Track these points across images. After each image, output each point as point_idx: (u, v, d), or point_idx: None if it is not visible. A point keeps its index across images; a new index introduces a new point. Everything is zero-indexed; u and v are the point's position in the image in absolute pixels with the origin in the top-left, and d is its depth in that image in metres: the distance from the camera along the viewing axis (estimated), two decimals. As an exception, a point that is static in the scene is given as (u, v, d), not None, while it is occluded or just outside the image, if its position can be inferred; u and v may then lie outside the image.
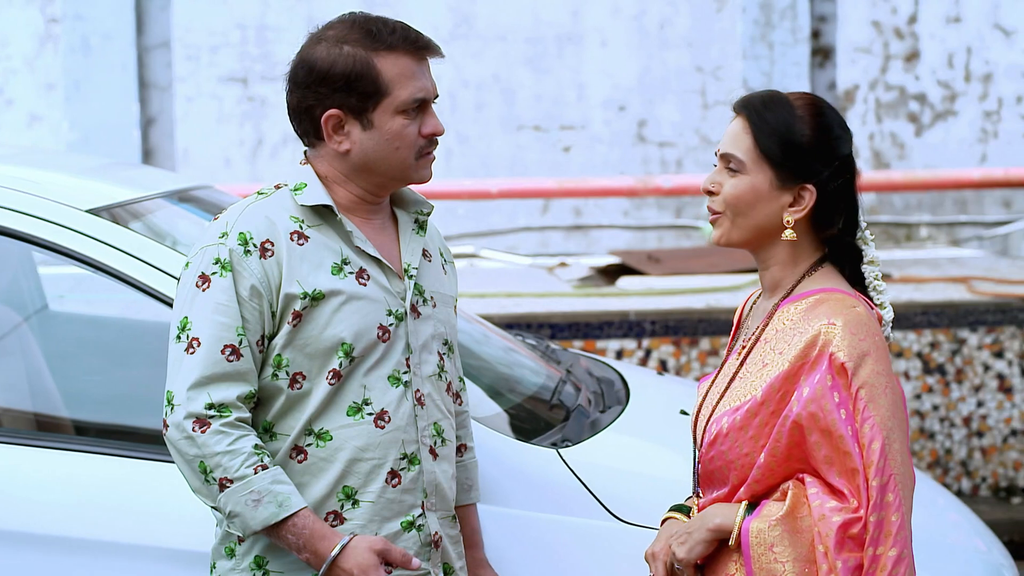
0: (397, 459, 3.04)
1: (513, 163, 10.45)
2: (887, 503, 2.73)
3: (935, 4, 10.62)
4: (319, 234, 3.03)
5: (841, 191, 2.89)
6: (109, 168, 4.83)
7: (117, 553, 3.51)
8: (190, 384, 2.91)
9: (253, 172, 10.29)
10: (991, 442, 7.23)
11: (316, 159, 3.11)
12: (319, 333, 2.97)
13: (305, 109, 3.06)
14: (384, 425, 3.02)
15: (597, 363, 4.80)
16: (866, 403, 2.74)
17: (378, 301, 3.04)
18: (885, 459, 2.72)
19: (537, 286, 8.13)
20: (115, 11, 10.05)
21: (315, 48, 3.06)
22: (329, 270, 3.00)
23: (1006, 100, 10.71)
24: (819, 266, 2.93)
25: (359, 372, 3.01)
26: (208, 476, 2.90)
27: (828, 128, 2.90)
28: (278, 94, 10.35)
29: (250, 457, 2.90)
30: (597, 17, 10.49)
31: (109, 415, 4.25)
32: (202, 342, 2.92)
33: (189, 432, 2.89)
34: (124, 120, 10.08)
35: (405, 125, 3.03)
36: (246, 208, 3.05)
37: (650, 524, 3.54)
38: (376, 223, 3.13)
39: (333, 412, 3.00)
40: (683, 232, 10.64)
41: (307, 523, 2.92)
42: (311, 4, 10.21)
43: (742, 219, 2.90)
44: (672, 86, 10.54)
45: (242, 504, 2.89)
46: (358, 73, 2.99)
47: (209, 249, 2.99)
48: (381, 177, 3.07)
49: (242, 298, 2.94)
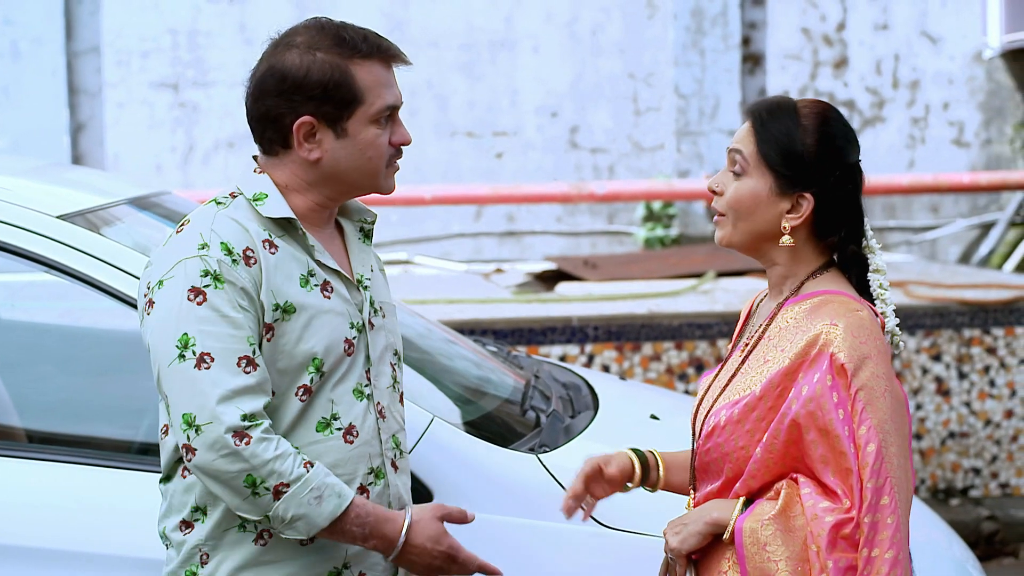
0: (365, 474, 2.99)
1: (447, 169, 10.45)
2: (882, 505, 2.74)
3: (863, 11, 10.74)
4: (285, 244, 2.96)
5: (843, 200, 2.91)
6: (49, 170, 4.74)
7: (67, 561, 3.46)
8: (218, 399, 2.79)
9: (185, 178, 10.21)
10: (929, 444, 7.31)
11: (274, 167, 3.01)
12: (291, 348, 2.90)
13: (274, 118, 2.96)
14: (353, 440, 2.97)
15: (560, 369, 4.80)
16: (864, 405, 2.76)
17: (342, 314, 2.98)
18: (881, 461, 2.74)
19: (475, 292, 8.12)
20: (45, 16, 9.94)
21: (285, 55, 2.97)
22: (298, 282, 2.93)
23: (933, 107, 10.84)
24: (825, 270, 2.95)
25: (327, 387, 2.95)
26: (257, 487, 2.80)
27: (831, 138, 2.92)
28: (209, 100, 10.38)
29: (296, 457, 2.83)
30: (530, 24, 10.51)
31: (60, 423, 4.19)
32: (215, 356, 2.81)
33: (232, 447, 2.78)
34: (54, 126, 9.97)
35: (377, 134, 2.98)
36: (215, 217, 2.94)
37: (631, 528, 3.56)
38: (327, 233, 3.07)
39: (303, 429, 2.93)
40: (616, 238, 10.68)
41: (367, 509, 2.88)
42: (243, 10, 10.15)
43: (743, 222, 2.94)
44: (604, 92, 10.58)
45: (305, 504, 2.82)
46: (336, 81, 2.93)
47: (191, 262, 2.87)
48: (348, 186, 3.02)
49: (242, 307, 2.85)
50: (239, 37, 10.17)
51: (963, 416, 7.30)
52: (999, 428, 7.33)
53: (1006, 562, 7.02)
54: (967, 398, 7.30)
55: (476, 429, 3.82)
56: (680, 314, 7.18)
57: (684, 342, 7.12)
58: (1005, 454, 7.35)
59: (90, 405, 4.29)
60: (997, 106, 10.95)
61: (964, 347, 7.28)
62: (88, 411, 4.25)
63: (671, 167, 10.56)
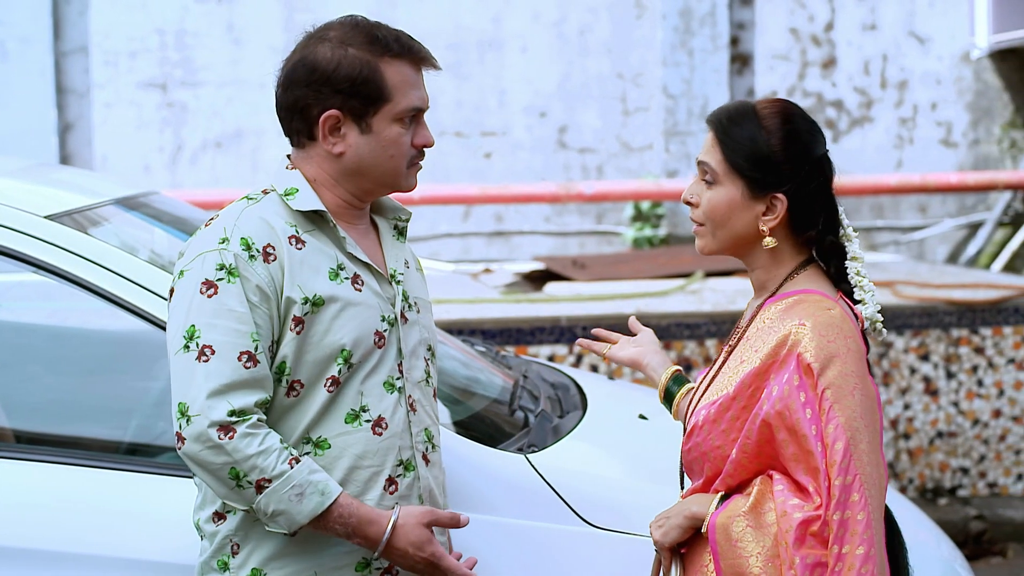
0: (394, 466, 3.03)
1: (435, 169, 10.40)
2: (852, 502, 2.75)
3: (851, 12, 10.75)
4: (314, 239, 3.01)
5: (815, 194, 2.93)
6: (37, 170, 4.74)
7: (54, 562, 3.45)
8: (209, 392, 2.85)
9: (173, 178, 10.20)
10: (918, 444, 7.32)
11: (303, 161, 3.08)
12: (319, 340, 2.95)
13: (301, 108, 3.02)
14: (381, 432, 3.01)
15: (549, 369, 4.80)
16: (832, 403, 2.77)
17: (373, 307, 3.03)
18: (850, 459, 2.75)
19: (464, 292, 8.12)
20: (32, 16, 9.92)
21: (318, 47, 3.02)
22: (327, 275, 2.98)
23: (921, 107, 10.85)
24: (804, 268, 2.97)
25: (356, 379, 2.99)
26: (241, 481, 2.85)
27: (795, 135, 2.94)
28: (197, 100, 10.37)
29: (282, 452, 2.87)
30: (518, 24, 10.50)
31: (48, 423, 4.18)
32: (216, 349, 2.87)
33: (215, 440, 2.83)
34: (42, 126, 9.96)
35: (401, 133, 3.02)
36: (242, 213, 3.00)
37: (620, 528, 3.56)
38: (361, 228, 3.13)
39: (330, 420, 2.98)
40: (604, 238, 10.68)
41: (351, 509, 2.91)
42: (231, 10, 10.14)
43: (721, 231, 2.98)
44: (593, 92, 10.58)
45: (286, 500, 2.86)
46: (364, 77, 2.98)
47: (210, 255, 2.93)
48: (371, 183, 3.06)
49: (252, 303, 2.90)
50: (227, 37, 10.16)
51: (951, 416, 7.31)
52: (987, 428, 7.34)
53: (994, 561, 7.03)
54: (955, 398, 7.31)
55: (465, 429, 3.81)
56: (668, 314, 7.18)
57: (672, 342, 7.12)
58: (993, 454, 7.36)
59: (78, 405, 4.28)
60: (985, 106, 10.96)
61: (952, 347, 7.29)
62: (76, 411, 4.24)
63: (659, 167, 10.57)
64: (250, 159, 10.10)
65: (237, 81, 10.18)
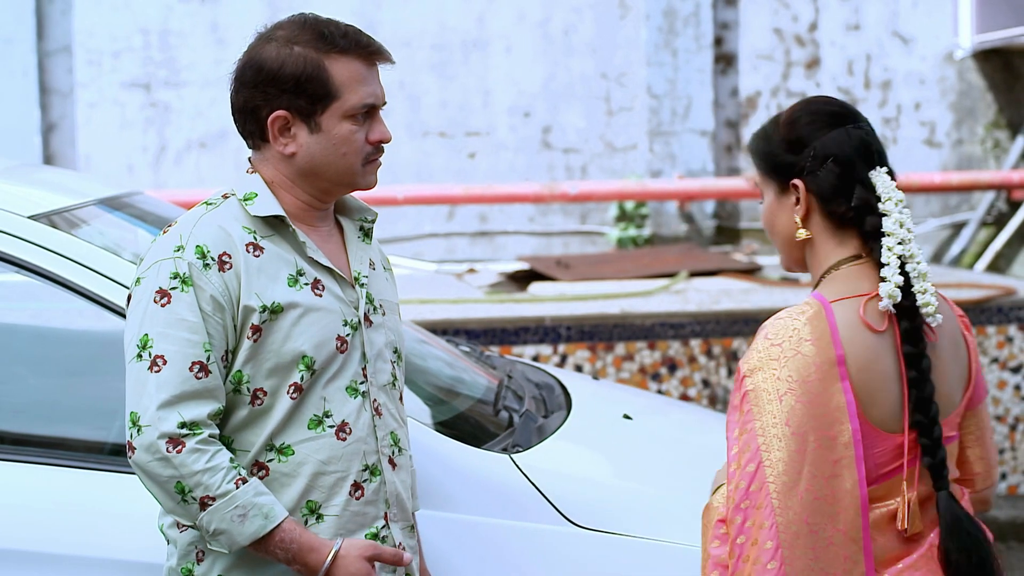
0: (359, 471, 3.00)
1: (419, 169, 10.43)
2: (755, 503, 2.73)
3: (835, 12, 10.77)
4: (272, 245, 2.97)
5: (833, 174, 2.84)
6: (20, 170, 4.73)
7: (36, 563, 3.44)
8: (159, 404, 2.83)
9: (156, 179, 10.18)
10: (901, 443, 7.32)
11: (261, 163, 3.05)
12: (279, 347, 2.92)
13: (251, 109, 3.00)
14: (346, 437, 2.98)
15: (533, 369, 4.80)
16: (750, 408, 2.77)
17: (334, 312, 2.99)
18: (758, 464, 2.74)
19: (448, 292, 8.12)
20: (15, 15, 9.89)
21: (264, 47, 2.99)
22: (285, 282, 2.94)
23: (904, 107, 10.87)
24: (848, 264, 2.88)
25: (319, 384, 2.96)
26: (186, 496, 2.83)
27: (796, 121, 2.91)
28: (181, 100, 10.34)
29: (229, 472, 2.84)
30: (502, 24, 10.50)
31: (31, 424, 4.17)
32: (168, 359, 2.85)
33: (163, 453, 2.81)
34: (25, 126, 9.92)
35: (353, 131, 2.99)
36: (199, 220, 2.97)
37: (605, 528, 3.56)
38: (323, 231, 3.09)
39: (294, 426, 2.95)
40: (588, 238, 10.68)
41: (293, 535, 2.88)
42: (215, 9, 10.12)
43: (775, 239, 3.01)
44: (577, 92, 10.58)
45: (228, 520, 2.83)
46: (308, 75, 2.94)
47: (165, 263, 2.90)
48: (326, 182, 3.03)
49: (205, 313, 2.87)
50: (211, 37, 10.13)
51: (934, 415, 7.31)
52: (970, 427, 7.35)
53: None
54: (938, 397, 7.31)
55: (449, 429, 3.81)
56: (653, 314, 7.19)
57: (657, 342, 7.13)
58: (976, 453, 7.37)
59: (62, 406, 4.27)
60: (968, 106, 10.98)
61: (935, 346, 7.29)
62: (59, 412, 4.23)
63: (643, 167, 10.57)
64: (234, 159, 10.07)
65: (221, 81, 10.03)
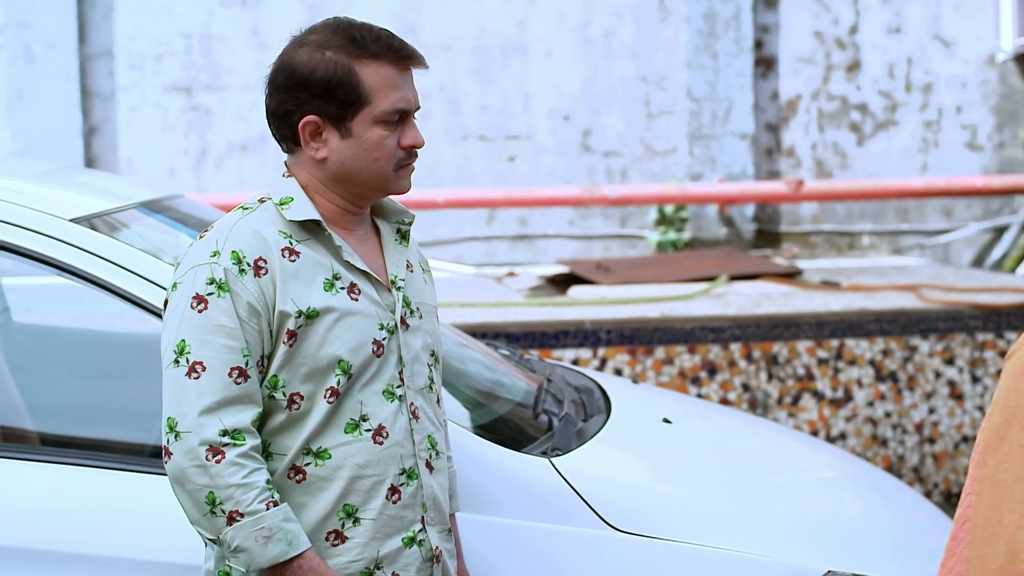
0: (396, 474, 2.99)
1: (459, 173, 10.45)
2: None
3: (876, 15, 10.73)
4: (308, 249, 2.96)
5: None
6: (62, 173, 4.74)
7: (78, 564, 3.45)
8: (200, 410, 2.82)
9: (198, 182, 10.22)
10: (943, 448, 7.29)
11: (296, 167, 3.04)
12: (315, 352, 2.91)
13: (284, 113, 2.99)
14: (383, 441, 2.97)
15: (573, 372, 4.79)
16: None
17: (370, 316, 2.98)
18: None
19: (488, 295, 8.11)
20: (58, 19, 9.95)
21: (296, 52, 2.98)
22: (321, 286, 2.94)
23: (946, 110, 10.82)
24: None
25: (355, 388, 2.95)
26: (215, 507, 2.82)
27: None
28: (223, 103, 10.39)
29: (263, 492, 2.83)
30: (542, 27, 10.50)
31: (72, 426, 4.19)
32: (207, 365, 2.84)
33: (202, 460, 2.80)
34: (67, 129, 9.98)
35: (384, 136, 2.97)
36: (235, 225, 2.95)
37: (644, 532, 3.54)
38: (359, 234, 3.08)
39: (331, 430, 2.94)
40: (628, 241, 10.67)
41: (312, 564, 2.87)
42: (256, 13, 10.16)
43: None
44: (617, 96, 10.57)
45: (251, 540, 2.82)
46: (339, 80, 2.92)
47: (201, 269, 2.89)
48: (359, 187, 3.01)
49: (242, 318, 2.86)
50: (252, 40, 10.18)
51: (976, 420, 7.28)
52: (1012, 432, 7.30)
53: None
54: (980, 402, 7.28)
55: (488, 432, 3.80)
56: (693, 318, 7.17)
57: (697, 345, 7.11)
58: (1018, 458, 7.33)
59: (102, 408, 4.29)
60: (1010, 109, 10.92)
61: (977, 351, 7.26)
62: (100, 414, 4.25)
63: (684, 171, 10.56)
64: (274, 163, 10.10)
65: (261, 85, 10.14)
